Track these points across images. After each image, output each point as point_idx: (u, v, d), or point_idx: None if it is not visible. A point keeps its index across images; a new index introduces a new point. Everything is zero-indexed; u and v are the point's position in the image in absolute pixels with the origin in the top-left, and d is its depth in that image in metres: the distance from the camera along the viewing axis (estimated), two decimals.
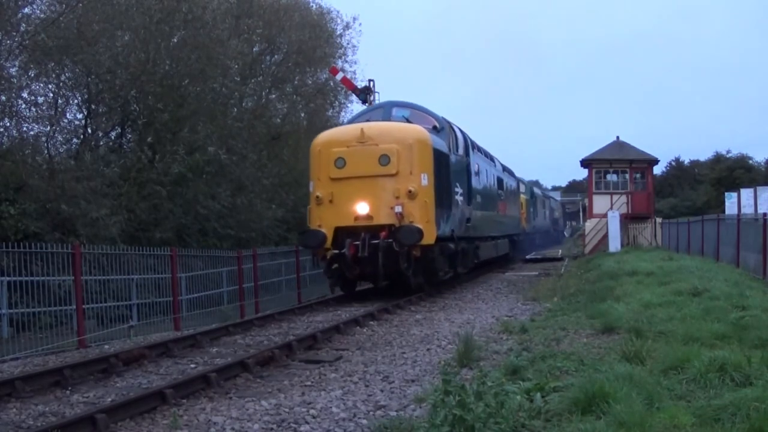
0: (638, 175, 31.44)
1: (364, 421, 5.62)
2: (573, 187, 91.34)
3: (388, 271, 13.81)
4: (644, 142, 76.45)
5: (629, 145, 32.04)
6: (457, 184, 16.31)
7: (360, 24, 42.70)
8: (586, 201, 37.64)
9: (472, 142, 19.29)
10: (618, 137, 32.49)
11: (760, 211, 20.59)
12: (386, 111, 16.19)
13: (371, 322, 11.26)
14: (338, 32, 30.43)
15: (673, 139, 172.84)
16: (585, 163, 31.72)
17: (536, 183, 67.44)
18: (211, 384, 6.90)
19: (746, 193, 26.98)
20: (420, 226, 13.35)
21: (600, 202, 31.12)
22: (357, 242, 13.41)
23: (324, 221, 14.09)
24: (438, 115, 16.43)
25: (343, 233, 13.84)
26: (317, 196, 14.20)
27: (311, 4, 29.85)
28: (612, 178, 31.65)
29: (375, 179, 13.94)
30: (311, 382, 7.21)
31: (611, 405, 4.80)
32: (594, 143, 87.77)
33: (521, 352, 7.69)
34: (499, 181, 24.01)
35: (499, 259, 24.84)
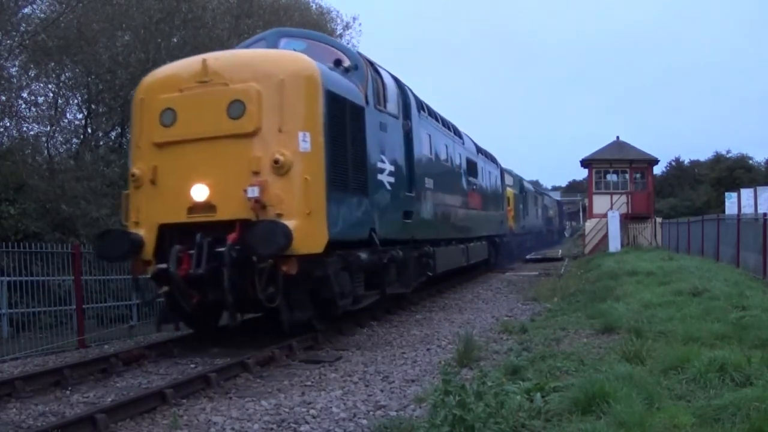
0: (638, 175, 31.47)
1: (364, 421, 5.62)
2: (573, 187, 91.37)
3: (243, 299, 8.45)
4: (644, 142, 76.66)
5: (629, 145, 32.08)
6: (384, 158, 10.70)
7: (360, 24, 42.77)
8: (586, 201, 37.67)
9: (420, 102, 13.54)
10: (618, 137, 32.58)
11: (760, 211, 20.59)
12: (270, 43, 10.64)
13: (371, 322, 11.26)
14: (338, 32, 30.42)
15: (673, 139, 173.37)
16: (585, 163, 31.75)
17: (536, 183, 67.37)
18: (211, 384, 6.90)
19: (746, 193, 26.99)
20: (291, 221, 8.02)
21: (600, 202, 31.15)
22: (192, 251, 8.35)
23: (143, 215, 8.89)
24: (351, 51, 11.22)
25: (172, 235, 8.69)
26: (133, 174, 8.95)
27: (311, 4, 29.86)
28: (612, 178, 31.68)
29: (221, 143, 8.52)
30: (311, 382, 7.21)
31: (611, 405, 4.80)
32: (594, 143, 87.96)
33: (521, 352, 7.70)
34: (471, 165, 18.34)
35: (472, 268, 19.37)
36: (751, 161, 53.42)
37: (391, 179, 11.06)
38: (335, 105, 9.02)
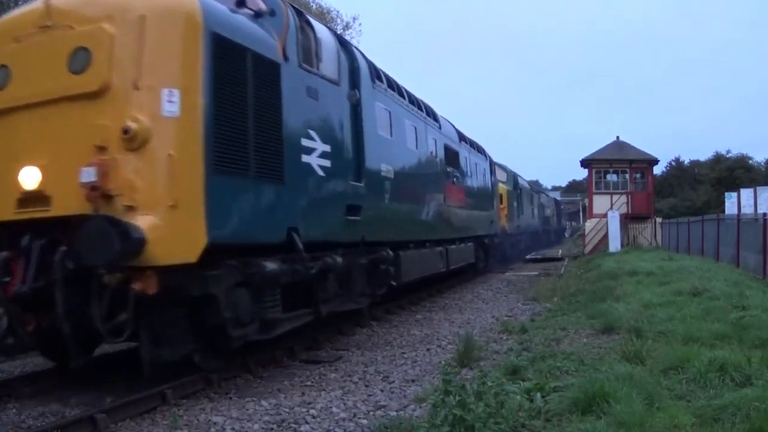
0: (638, 175, 31.48)
1: (364, 421, 5.63)
2: (573, 187, 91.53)
3: (83, 328, 6.19)
4: (644, 142, 76.82)
5: (629, 145, 32.10)
6: (313, 134, 8.12)
7: (360, 24, 42.84)
8: (586, 201, 37.67)
9: (377, 71, 10.94)
10: (618, 137, 32.60)
11: (760, 211, 20.61)
12: None
13: (371, 322, 11.26)
14: (338, 32, 30.49)
15: (673, 139, 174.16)
16: (585, 163, 31.76)
17: (536, 183, 67.35)
18: (211, 384, 6.90)
19: (746, 193, 27.03)
20: (146, 217, 5.84)
21: (600, 202, 31.16)
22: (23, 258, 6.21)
23: None
24: None
25: (1, 237, 6.49)
26: None
27: (311, 3, 29.91)
28: (612, 178, 31.70)
29: (59, 107, 6.25)
30: (311, 382, 7.22)
31: (611, 405, 4.81)
32: (594, 143, 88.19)
33: (521, 352, 7.71)
34: (451, 153, 15.75)
35: (455, 273, 17.24)
36: (751, 161, 53.61)
37: (326, 163, 8.40)
38: (229, 55, 6.55)
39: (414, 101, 13.29)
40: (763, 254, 13.91)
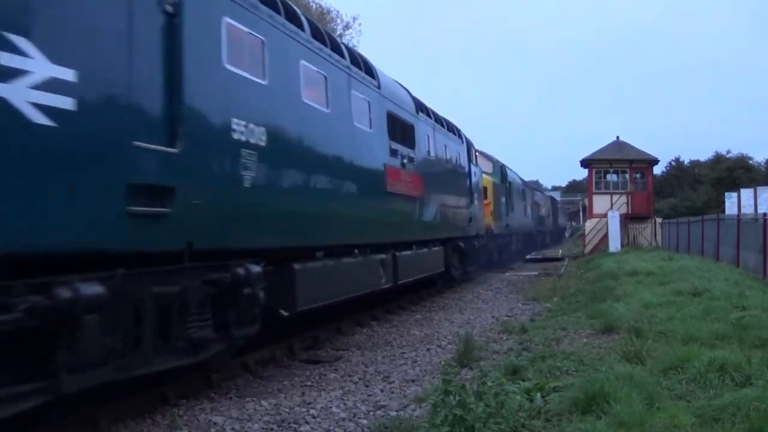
0: (638, 175, 31.49)
1: (364, 421, 5.63)
2: (573, 187, 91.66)
3: None
4: (644, 142, 77.01)
5: (629, 145, 32.11)
6: (22, 42, 3.99)
7: (360, 24, 42.85)
8: (586, 201, 37.68)
9: None
10: (618, 137, 32.61)
11: (760, 211, 20.62)
12: None
13: (371, 322, 11.27)
14: (338, 32, 30.50)
15: (673, 139, 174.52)
16: (585, 163, 31.77)
17: (536, 183, 67.31)
18: (211, 384, 6.90)
19: (746, 193, 27.05)
20: None
21: (600, 202, 31.17)
22: None
23: None
24: None
25: None
26: None
27: (311, 3, 29.93)
28: (612, 178, 31.70)
29: None
30: (311, 382, 7.22)
31: (611, 405, 4.81)
32: (594, 143, 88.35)
33: (521, 352, 7.71)
34: (400, 126, 11.80)
35: (412, 287, 13.63)
36: (751, 161, 53.70)
37: (61, 102, 4.31)
38: None
39: (326, 40, 9.01)
40: (763, 254, 13.91)
